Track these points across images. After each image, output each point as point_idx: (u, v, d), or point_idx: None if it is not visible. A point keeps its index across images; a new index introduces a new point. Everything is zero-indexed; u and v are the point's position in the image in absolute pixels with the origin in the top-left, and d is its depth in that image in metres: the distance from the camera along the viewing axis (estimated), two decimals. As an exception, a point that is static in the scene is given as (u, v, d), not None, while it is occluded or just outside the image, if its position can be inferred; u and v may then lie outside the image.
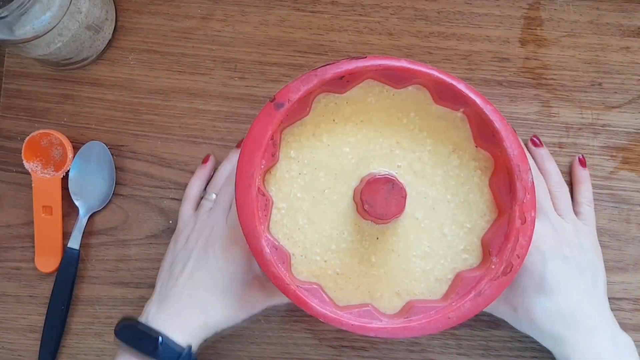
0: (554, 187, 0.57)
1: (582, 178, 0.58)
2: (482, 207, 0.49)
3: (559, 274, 0.51)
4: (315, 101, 0.48)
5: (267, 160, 0.47)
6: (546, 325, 0.51)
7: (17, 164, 0.59)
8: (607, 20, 0.61)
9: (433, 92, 0.48)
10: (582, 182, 0.58)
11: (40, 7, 0.50)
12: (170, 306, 0.51)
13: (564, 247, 0.52)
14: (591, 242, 0.56)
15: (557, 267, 0.51)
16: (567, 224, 0.55)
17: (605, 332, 0.51)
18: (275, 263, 0.45)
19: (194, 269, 0.52)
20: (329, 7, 0.61)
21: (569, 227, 0.54)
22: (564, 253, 0.52)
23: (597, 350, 0.50)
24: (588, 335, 0.50)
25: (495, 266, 0.46)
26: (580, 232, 0.55)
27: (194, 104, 0.60)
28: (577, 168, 0.59)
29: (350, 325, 0.45)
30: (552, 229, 0.53)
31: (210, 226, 0.53)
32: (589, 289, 0.52)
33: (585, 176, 0.59)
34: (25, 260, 0.59)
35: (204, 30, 0.61)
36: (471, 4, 0.61)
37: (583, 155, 0.59)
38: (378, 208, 0.45)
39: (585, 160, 0.59)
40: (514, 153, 0.47)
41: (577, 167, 0.59)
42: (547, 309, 0.51)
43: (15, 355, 0.59)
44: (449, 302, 0.46)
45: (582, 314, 0.51)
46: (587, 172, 0.59)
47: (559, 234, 0.53)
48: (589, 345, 0.50)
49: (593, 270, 0.54)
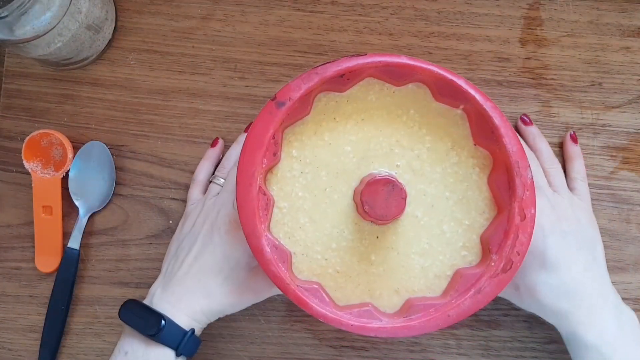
0: (546, 163, 0.57)
1: (575, 154, 0.59)
2: (481, 204, 0.49)
3: (559, 249, 0.51)
4: (316, 100, 0.48)
5: (269, 159, 0.47)
6: (550, 301, 0.51)
7: (17, 164, 0.59)
8: (607, 20, 0.61)
9: (433, 89, 0.48)
10: (574, 158, 0.58)
11: (40, 7, 0.50)
12: (175, 289, 0.51)
13: (562, 222, 0.52)
14: (588, 216, 0.56)
15: (557, 242, 0.51)
16: (563, 199, 0.55)
17: (609, 306, 0.51)
18: (276, 262, 0.45)
19: (199, 253, 0.52)
20: (329, 7, 0.61)
21: (565, 203, 0.54)
22: (562, 228, 0.52)
23: (603, 324, 0.50)
24: (592, 309, 0.51)
25: (494, 263, 0.46)
26: (577, 207, 0.55)
27: (194, 104, 0.60)
28: (569, 144, 0.59)
29: (350, 326, 0.45)
30: (549, 205, 0.53)
31: (217, 210, 0.53)
32: (590, 263, 0.52)
33: (578, 152, 0.59)
34: (25, 260, 0.59)
35: (204, 30, 0.61)
36: (471, 4, 0.61)
37: (574, 131, 0.59)
38: (378, 209, 0.45)
39: (576, 137, 0.59)
40: (513, 149, 0.47)
41: (569, 143, 0.59)
42: (549, 285, 0.51)
43: (15, 355, 0.59)
44: (448, 300, 0.46)
45: (584, 287, 0.51)
46: (578, 148, 0.59)
47: (555, 209, 0.53)
48: (594, 320, 0.50)
49: (592, 244, 0.54)
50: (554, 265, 0.51)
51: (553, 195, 0.54)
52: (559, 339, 0.58)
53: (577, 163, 0.58)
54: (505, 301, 0.58)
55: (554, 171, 0.57)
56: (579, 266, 0.52)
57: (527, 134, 0.59)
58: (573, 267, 0.51)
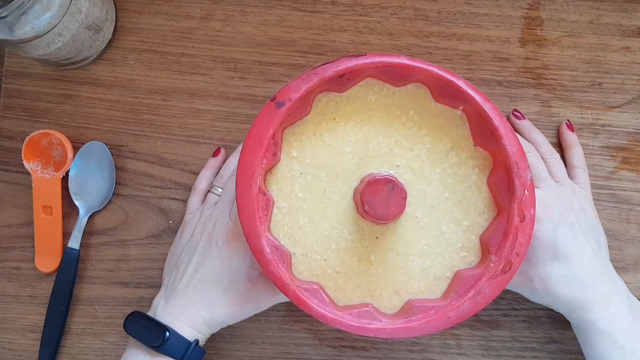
0: (546, 154, 0.57)
1: (572, 142, 0.59)
2: (480, 205, 0.49)
3: (569, 240, 0.52)
4: (315, 100, 0.48)
5: (268, 159, 0.47)
6: (564, 291, 0.51)
7: (17, 164, 0.59)
8: (607, 20, 0.61)
9: (433, 90, 0.48)
10: (572, 146, 0.58)
11: (40, 7, 0.50)
12: (177, 301, 0.51)
13: (569, 212, 0.53)
14: (590, 204, 0.56)
15: (566, 233, 0.52)
16: (566, 189, 0.55)
17: (622, 295, 0.52)
18: (276, 263, 0.45)
19: (199, 265, 0.52)
20: (329, 7, 0.61)
21: (568, 193, 0.55)
22: (569, 219, 0.52)
23: (616, 311, 0.51)
24: (607, 296, 0.51)
25: (494, 264, 0.46)
26: (580, 196, 0.56)
27: (194, 104, 0.60)
28: (566, 133, 0.59)
29: (350, 326, 0.45)
30: (555, 196, 0.53)
31: (214, 221, 0.53)
32: (596, 252, 0.53)
33: (575, 140, 0.59)
34: (25, 260, 0.59)
35: (204, 30, 0.61)
36: (471, 4, 0.61)
37: (569, 120, 0.59)
38: (378, 209, 0.45)
39: (572, 125, 0.59)
40: (513, 150, 0.47)
41: (566, 131, 0.59)
42: (563, 275, 0.51)
43: (15, 355, 0.59)
44: (448, 302, 0.46)
45: (595, 275, 0.52)
46: (575, 136, 0.59)
47: (561, 200, 0.53)
48: (608, 306, 0.51)
49: (597, 233, 0.55)
50: (566, 256, 0.51)
51: (556, 186, 0.55)
52: (559, 338, 0.58)
53: (576, 151, 0.58)
54: (505, 301, 0.58)
55: (554, 161, 0.57)
56: (588, 256, 0.52)
57: (521, 128, 0.59)
58: (584, 256, 0.52)
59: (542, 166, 0.55)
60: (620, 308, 0.51)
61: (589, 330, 0.51)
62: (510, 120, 0.59)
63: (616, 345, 0.50)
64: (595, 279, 0.51)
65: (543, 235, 0.51)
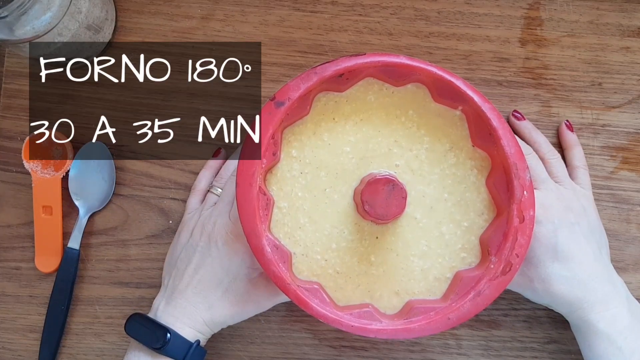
0: (546, 155, 0.57)
1: (573, 142, 0.58)
2: (480, 205, 0.49)
3: (569, 240, 0.52)
4: (315, 100, 0.48)
5: (268, 159, 0.47)
6: (564, 292, 0.51)
7: (17, 164, 0.59)
8: (607, 20, 0.61)
9: (432, 90, 0.48)
10: (573, 146, 0.58)
11: (40, 7, 0.50)
12: (177, 302, 0.51)
13: (569, 213, 0.53)
14: (592, 205, 0.56)
15: (567, 234, 0.52)
16: (567, 190, 0.55)
17: (622, 295, 0.52)
18: (276, 262, 0.45)
19: (198, 266, 0.52)
20: (329, 7, 0.61)
21: (569, 193, 0.55)
22: (570, 220, 0.52)
23: (615, 312, 0.51)
24: (606, 297, 0.51)
25: (494, 265, 0.46)
26: (581, 196, 0.55)
27: (194, 104, 0.60)
28: (566, 133, 0.59)
29: (350, 327, 0.45)
30: (555, 197, 0.53)
31: (213, 221, 0.53)
32: (597, 253, 0.53)
33: (575, 140, 0.59)
34: (25, 260, 0.59)
35: (204, 30, 0.61)
36: (471, 4, 0.61)
37: (568, 120, 0.59)
38: (378, 208, 0.45)
39: (571, 125, 0.59)
40: (511, 151, 0.46)
41: (566, 132, 0.59)
42: (564, 276, 0.51)
43: (15, 355, 0.59)
44: (448, 303, 0.46)
45: (595, 276, 0.52)
46: (575, 135, 0.59)
47: (561, 201, 0.53)
48: (607, 307, 0.51)
49: (598, 234, 0.55)
50: (567, 257, 0.51)
51: (557, 187, 0.55)
52: (559, 338, 0.58)
53: (576, 151, 0.58)
54: (505, 301, 0.58)
55: (555, 161, 0.57)
56: (588, 256, 0.52)
57: (521, 128, 0.59)
58: (584, 257, 0.52)
59: (541, 168, 0.55)
60: (619, 309, 0.51)
61: (588, 331, 0.51)
62: (511, 121, 0.59)
63: (615, 346, 0.50)
64: (595, 279, 0.51)
65: (543, 236, 0.51)
